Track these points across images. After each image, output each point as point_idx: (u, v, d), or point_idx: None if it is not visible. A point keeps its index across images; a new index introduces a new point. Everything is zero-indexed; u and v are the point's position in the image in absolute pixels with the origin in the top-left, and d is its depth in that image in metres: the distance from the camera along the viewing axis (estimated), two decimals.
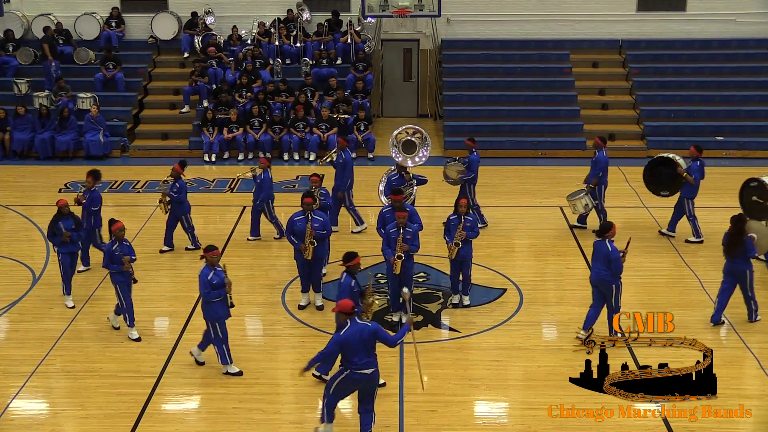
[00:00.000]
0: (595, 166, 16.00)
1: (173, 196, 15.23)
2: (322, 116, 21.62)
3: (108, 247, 12.20)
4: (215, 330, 11.34)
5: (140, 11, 24.56)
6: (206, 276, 11.16)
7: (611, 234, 11.92)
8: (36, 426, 10.61)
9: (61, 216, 13.24)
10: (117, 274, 12.17)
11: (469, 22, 24.43)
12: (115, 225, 12.24)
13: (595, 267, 12.02)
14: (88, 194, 14.37)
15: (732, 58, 23.72)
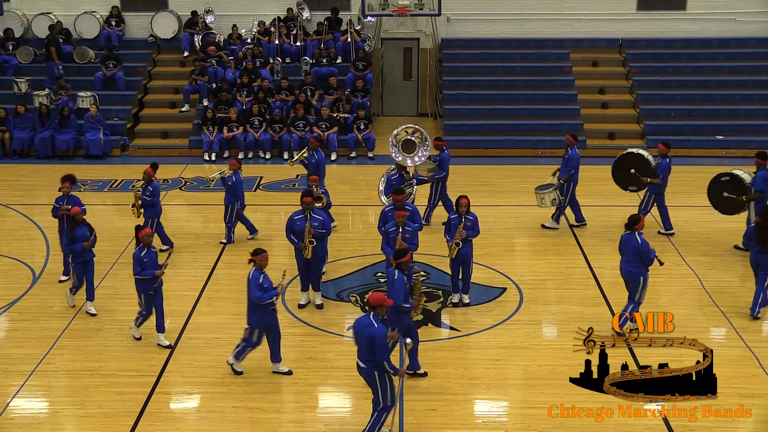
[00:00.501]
0: (567, 163, 16.10)
1: (146, 199, 14.86)
2: (322, 115, 21.61)
3: (137, 254, 11.88)
4: (255, 334, 11.22)
5: (140, 10, 24.56)
6: (257, 280, 10.97)
7: (640, 226, 12.09)
8: (36, 425, 10.61)
9: (76, 224, 12.94)
10: (145, 281, 11.89)
11: (469, 21, 24.43)
12: (142, 231, 11.96)
13: (624, 260, 12.23)
14: (65, 200, 13.94)
15: (732, 57, 23.72)
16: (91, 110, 21.59)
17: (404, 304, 10.69)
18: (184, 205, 18.45)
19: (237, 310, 13.45)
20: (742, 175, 15.36)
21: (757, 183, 15.04)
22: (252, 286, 10.96)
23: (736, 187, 15.27)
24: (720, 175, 15.63)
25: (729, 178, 15.40)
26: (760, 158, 15.21)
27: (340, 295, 13.87)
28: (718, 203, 15.59)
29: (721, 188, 15.47)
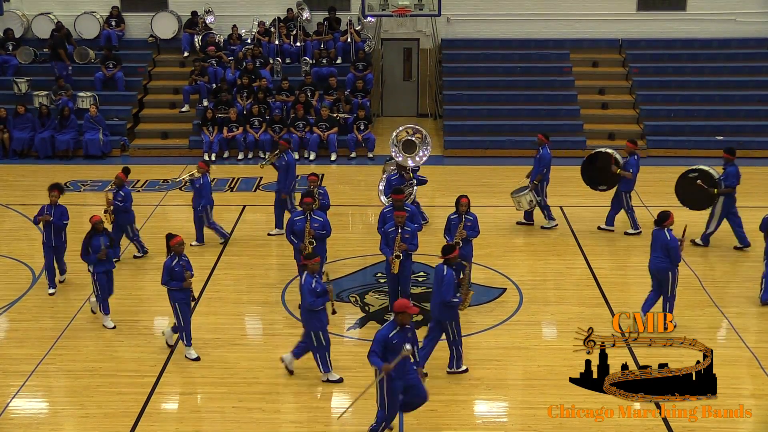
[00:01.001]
0: (539, 163, 16.19)
1: (118, 204, 14.56)
2: (321, 115, 21.61)
3: (168, 263, 11.51)
4: (318, 339, 11.08)
5: (140, 10, 24.56)
6: (310, 285, 10.82)
7: (669, 223, 12.26)
8: (36, 425, 10.60)
9: (96, 233, 12.58)
10: (177, 291, 11.56)
11: (469, 22, 24.43)
12: (173, 239, 11.53)
13: (653, 255, 12.40)
14: (52, 210, 13.63)
15: (732, 58, 23.72)
16: (91, 110, 21.59)
17: (453, 299, 10.87)
18: (185, 205, 18.40)
19: (237, 310, 13.47)
20: (710, 170, 15.63)
21: (728, 178, 15.27)
22: (305, 291, 10.82)
23: (705, 182, 15.49)
24: (688, 171, 15.88)
25: (697, 173, 15.66)
26: (728, 154, 15.49)
27: (340, 295, 13.86)
28: (687, 199, 15.84)
29: (690, 184, 15.70)
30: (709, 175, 15.51)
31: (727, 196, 15.28)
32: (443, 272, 10.89)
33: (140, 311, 13.34)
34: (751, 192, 18.13)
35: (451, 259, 10.90)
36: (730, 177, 15.26)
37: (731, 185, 15.23)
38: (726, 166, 15.42)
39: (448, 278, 10.83)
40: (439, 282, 10.93)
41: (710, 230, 15.52)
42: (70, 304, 13.49)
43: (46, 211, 13.64)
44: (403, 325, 9.52)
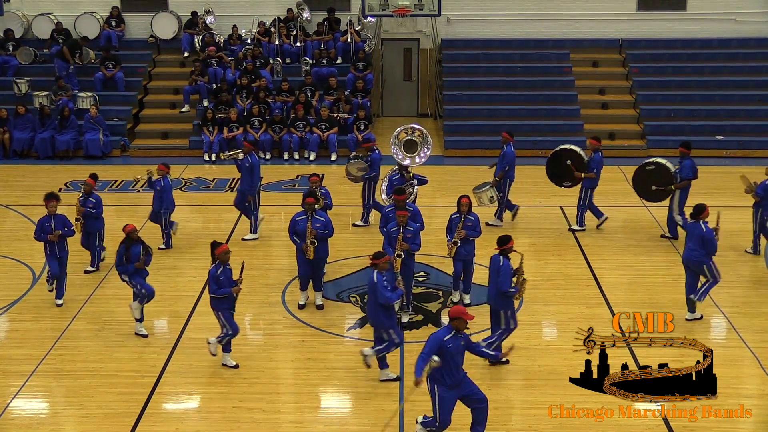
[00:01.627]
0: (502, 160, 16.29)
1: (90, 211, 14.25)
2: (321, 116, 21.62)
3: (212, 272, 11.30)
4: (390, 336, 11.11)
5: (140, 10, 24.57)
6: (382, 282, 10.83)
7: (705, 215, 12.48)
8: (36, 425, 10.61)
9: (132, 242, 12.29)
10: (222, 300, 11.40)
11: (469, 22, 24.43)
12: (219, 248, 11.34)
13: (687, 247, 12.63)
14: (52, 221, 13.24)
15: (732, 58, 23.72)
16: (91, 111, 21.59)
17: (510, 289, 11.08)
18: (185, 205, 18.42)
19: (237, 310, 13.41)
20: (666, 163, 15.87)
21: (684, 171, 15.54)
22: (380, 288, 10.81)
23: (662, 175, 15.77)
24: (645, 164, 16.11)
25: (654, 167, 15.90)
26: (684, 147, 15.77)
27: (340, 295, 13.87)
28: (645, 191, 16.09)
29: (648, 177, 15.93)
30: (665, 168, 15.77)
31: (683, 188, 15.61)
32: (499, 263, 11.17)
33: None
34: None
35: (506, 249, 11.17)
36: (685, 170, 15.56)
37: (686, 178, 15.54)
38: (682, 159, 15.68)
39: (505, 268, 11.12)
40: (496, 272, 11.17)
41: (678, 222, 15.80)
42: (70, 305, 13.48)
43: (48, 223, 13.21)
44: (458, 331, 9.47)
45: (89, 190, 14.45)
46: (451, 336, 9.46)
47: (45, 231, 13.23)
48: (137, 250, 12.30)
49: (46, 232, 13.20)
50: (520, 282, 11.39)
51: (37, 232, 13.34)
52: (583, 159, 16.24)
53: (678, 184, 15.60)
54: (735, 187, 18.51)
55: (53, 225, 13.23)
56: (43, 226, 13.25)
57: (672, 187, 15.62)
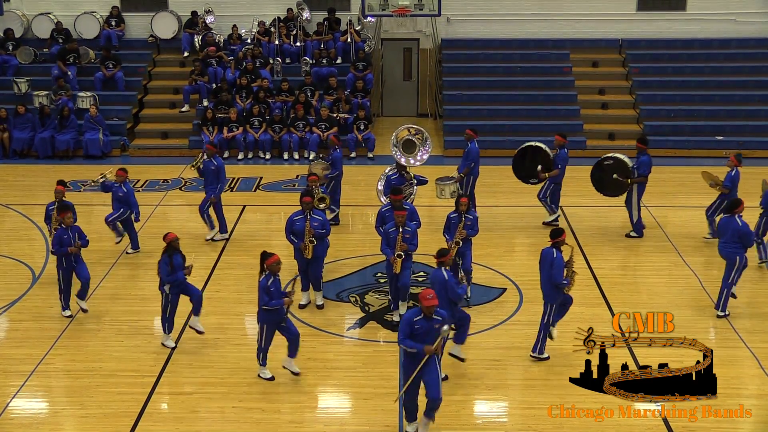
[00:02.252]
0: (467, 157, 16.43)
1: None
2: (321, 115, 21.62)
3: (263, 283, 10.89)
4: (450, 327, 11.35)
5: (140, 10, 24.56)
6: (453, 278, 11.00)
7: (740, 210, 12.61)
8: (36, 425, 10.61)
9: (174, 251, 11.79)
10: (271, 312, 11.02)
11: (469, 22, 24.43)
12: (270, 258, 10.97)
13: (722, 242, 12.84)
14: (66, 233, 12.73)
15: (732, 58, 23.72)
16: (91, 111, 21.58)
17: (563, 281, 11.37)
18: (185, 205, 18.44)
19: (237, 310, 13.47)
20: (624, 159, 16.02)
21: (641, 167, 15.74)
22: (451, 284, 10.88)
23: (620, 170, 15.90)
24: (603, 159, 16.26)
25: (613, 161, 16.05)
26: (641, 143, 15.94)
27: (340, 295, 13.87)
28: (602, 186, 16.27)
29: (606, 172, 16.10)
30: (623, 163, 15.92)
31: (640, 183, 15.79)
32: (553, 255, 11.38)
33: (140, 311, 13.32)
34: (752, 192, 18.10)
35: (559, 242, 11.43)
36: (642, 166, 15.73)
37: (644, 173, 15.71)
38: (639, 155, 15.85)
39: (558, 261, 11.33)
40: (549, 265, 11.37)
41: (635, 218, 16.02)
42: (70, 304, 13.44)
43: (66, 236, 12.65)
44: (427, 315, 9.58)
45: (60, 197, 14.13)
46: (420, 318, 9.59)
47: (64, 244, 12.67)
48: (179, 259, 11.82)
49: (66, 245, 12.65)
50: (571, 274, 11.62)
51: (55, 246, 12.80)
52: (549, 155, 16.39)
53: (635, 179, 15.77)
54: None
55: (72, 237, 12.70)
56: (62, 240, 12.68)
57: (628, 181, 15.80)
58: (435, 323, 9.63)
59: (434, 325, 9.62)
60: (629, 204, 16.02)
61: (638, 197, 15.88)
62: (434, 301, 9.59)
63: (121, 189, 14.99)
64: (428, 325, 9.62)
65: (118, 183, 15.05)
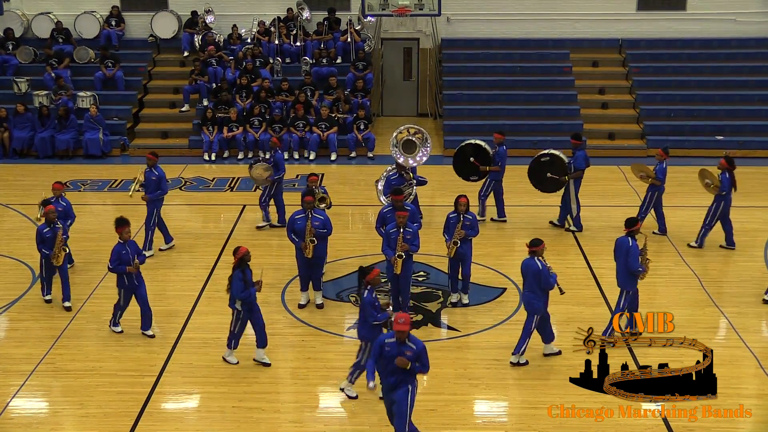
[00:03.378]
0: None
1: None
2: (321, 115, 21.62)
3: (368, 299, 10.64)
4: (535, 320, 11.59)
5: (140, 10, 24.56)
6: (546, 269, 11.26)
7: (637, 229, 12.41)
8: (36, 425, 10.61)
9: (245, 266, 11.32)
10: (376, 327, 10.63)
11: (469, 21, 24.43)
12: (371, 273, 10.68)
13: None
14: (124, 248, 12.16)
15: (732, 58, 23.72)
16: (91, 110, 21.58)
17: (639, 268, 11.77)
18: (184, 205, 18.45)
19: None
20: (561, 155, 16.32)
21: (577, 162, 16.03)
22: (545, 274, 11.24)
23: (556, 166, 16.16)
24: (540, 155, 16.47)
25: (549, 158, 16.29)
26: (575, 139, 16.30)
27: (340, 295, 13.87)
28: (539, 182, 16.49)
29: (543, 168, 16.30)
30: (560, 159, 16.15)
31: (577, 179, 16.10)
32: (628, 243, 11.75)
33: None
34: (751, 192, 18.17)
35: (634, 231, 11.81)
36: (579, 160, 16.04)
37: (579, 168, 16.02)
38: (575, 150, 16.15)
39: (634, 249, 11.73)
40: (625, 253, 11.74)
41: (575, 213, 16.26)
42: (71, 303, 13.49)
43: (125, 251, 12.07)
44: (401, 340, 9.35)
45: (59, 195, 14.07)
46: (392, 341, 9.37)
47: (123, 261, 12.07)
48: (250, 274, 11.34)
49: (124, 262, 12.06)
50: (645, 262, 11.98)
51: (113, 262, 12.09)
52: (488, 152, 16.53)
53: (571, 174, 16.02)
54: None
55: (130, 254, 12.11)
56: (120, 256, 12.06)
57: (565, 177, 16.03)
58: (406, 350, 9.33)
59: (405, 353, 9.32)
60: (567, 199, 16.26)
61: (575, 192, 16.10)
62: (404, 327, 9.28)
63: (60, 204, 14.06)
64: (399, 351, 9.34)
65: (55, 197, 14.14)
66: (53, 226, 13.12)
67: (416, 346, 9.40)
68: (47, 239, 13.08)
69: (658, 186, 15.69)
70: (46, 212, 13.27)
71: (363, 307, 10.65)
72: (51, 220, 13.11)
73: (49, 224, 13.13)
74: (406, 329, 9.32)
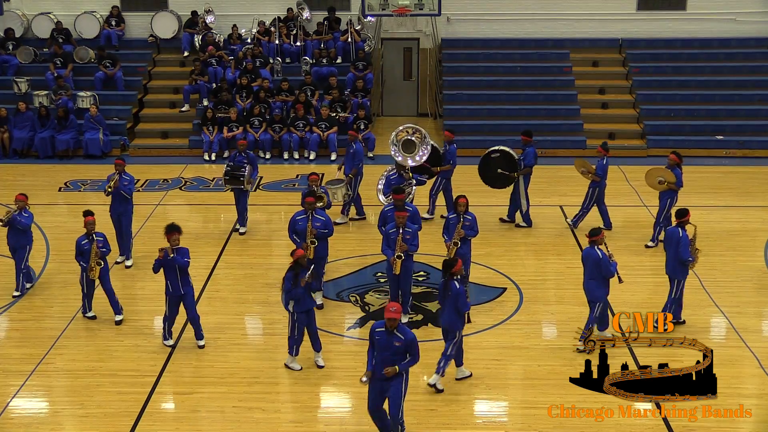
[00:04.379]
0: (354, 158, 16.60)
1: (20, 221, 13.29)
2: (321, 115, 21.61)
3: (461, 289, 10.71)
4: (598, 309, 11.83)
5: (140, 10, 24.54)
6: (607, 258, 11.50)
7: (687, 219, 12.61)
8: (36, 425, 10.61)
9: (300, 268, 11.23)
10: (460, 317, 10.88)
11: (469, 21, 24.42)
12: (456, 264, 10.75)
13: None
14: (168, 253, 11.75)
15: (732, 57, 23.70)
16: (91, 110, 21.58)
17: (689, 258, 12.20)
18: (184, 205, 18.46)
19: (237, 310, 13.48)
20: (510, 151, 16.53)
21: (527, 158, 16.27)
22: (605, 263, 11.48)
23: (506, 162, 16.36)
24: (490, 152, 16.64)
25: (499, 154, 16.49)
26: (526, 135, 16.50)
27: (340, 295, 13.87)
28: (489, 179, 16.71)
29: (493, 164, 16.50)
30: (510, 155, 16.36)
31: (526, 175, 16.35)
32: (679, 234, 12.17)
33: (140, 311, 13.33)
34: (751, 192, 18.18)
35: (684, 221, 12.23)
36: (528, 157, 16.27)
37: (529, 164, 16.26)
38: (524, 147, 16.37)
39: (684, 239, 12.15)
40: (675, 244, 12.17)
41: (525, 209, 16.44)
42: (70, 304, 13.46)
43: (167, 255, 11.70)
44: (389, 329, 9.46)
45: (23, 207, 13.48)
46: (382, 330, 9.51)
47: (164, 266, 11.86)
48: (304, 274, 11.28)
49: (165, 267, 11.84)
50: (695, 252, 12.40)
51: (156, 268, 11.92)
52: (439, 151, 16.59)
53: (521, 171, 16.22)
54: (735, 186, 18.58)
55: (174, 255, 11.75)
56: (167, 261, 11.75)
57: (515, 174, 16.20)
58: (395, 340, 9.42)
59: (394, 343, 9.42)
60: (517, 195, 16.44)
61: (525, 188, 16.33)
62: (395, 315, 9.39)
63: (22, 216, 13.44)
64: (388, 341, 9.45)
65: (18, 210, 13.50)
66: (91, 238, 12.54)
67: (405, 336, 9.51)
68: (85, 251, 12.52)
69: (598, 182, 15.84)
70: (85, 223, 12.58)
71: (456, 297, 10.68)
72: (89, 231, 12.53)
73: (87, 236, 12.56)
74: (397, 317, 9.46)
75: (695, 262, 12.50)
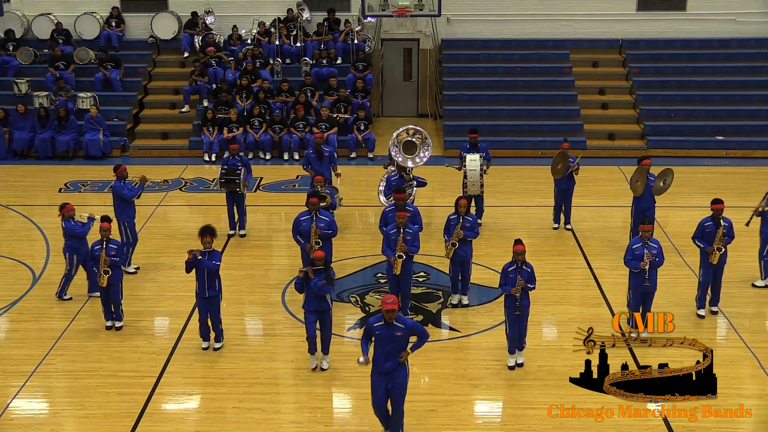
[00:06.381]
0: (332, 160, 16.60)
1: None
2: (321, 116, 21.62)
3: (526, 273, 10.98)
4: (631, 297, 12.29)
5: (140, 11, 24.54)
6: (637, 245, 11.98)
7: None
8: (36, 425, 10.62)
9: (328, 267, 11.25)
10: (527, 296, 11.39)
11: (469, 22, 24.43)
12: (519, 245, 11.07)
13: None
14: (205, 255, 11.76)
15: (732, 58, 23.71)
16: (91, 111, 21.58)
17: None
18: (184, 205, 18.46)
19: (237, 310, 13.48)
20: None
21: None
22: (630, 251, 12.00)
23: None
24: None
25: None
26: (473, 134, 16.73)
27: (340, 295, 13.86)
28: None
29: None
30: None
31: None
32: (716, 226, 12.74)
33: (141, 311, 13.33)
34: (752, 192, 18.12)
35: (718, 210, 12.84)
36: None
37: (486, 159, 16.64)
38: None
39: (728, 227, 12.81)
40: (702, 235, 12.83)
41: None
42: (70, 304, 13.48)
43: (203, 256, 11.69)
44: (388, 321, 9.52)
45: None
46: (380, 324, 9.54)
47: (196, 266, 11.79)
48: (333, 274, 11.49)
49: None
50: (723, 241, 12.82)
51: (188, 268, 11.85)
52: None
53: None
54: (735, 187, 18.59)
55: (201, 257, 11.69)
56: (197, 263, 11.71)
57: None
58: (396, 331, 9.51)
59: (395, 333, 9.49)
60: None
61: None
62: (393, 306, 9.44)
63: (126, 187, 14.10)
64: (389, 333, 9.50)
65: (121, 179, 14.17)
66: (104, 245, 12.41)
67: (405, 324, 9.61)
68: (97, 257, 12.45)
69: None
70: (100, 228, 12.50)
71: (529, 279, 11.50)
72: (103, 237, 12.44)
73: (101, 242, 12.43)
74: (395, 308, 9.49)
75: (717, 252, 12.77)
